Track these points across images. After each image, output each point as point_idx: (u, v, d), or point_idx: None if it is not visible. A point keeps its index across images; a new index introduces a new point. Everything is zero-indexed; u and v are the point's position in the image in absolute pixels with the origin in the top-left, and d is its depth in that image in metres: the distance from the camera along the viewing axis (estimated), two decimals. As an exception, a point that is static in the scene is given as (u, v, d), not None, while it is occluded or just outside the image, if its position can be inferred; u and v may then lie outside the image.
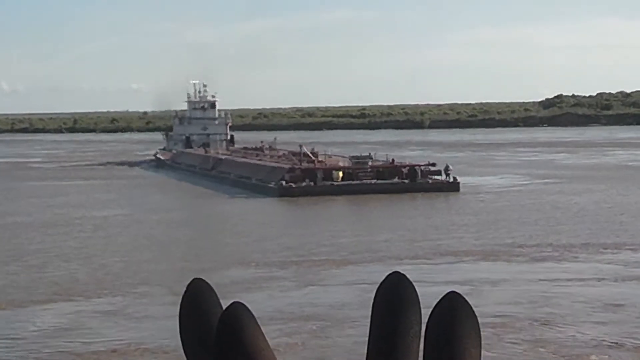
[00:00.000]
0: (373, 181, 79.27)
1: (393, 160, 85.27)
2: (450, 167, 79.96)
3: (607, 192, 72.62)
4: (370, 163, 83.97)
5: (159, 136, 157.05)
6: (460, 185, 77.31)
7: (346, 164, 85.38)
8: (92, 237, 53.83)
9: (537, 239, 49.36)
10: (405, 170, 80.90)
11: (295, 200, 73.18)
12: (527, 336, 29.43)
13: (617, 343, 28.67)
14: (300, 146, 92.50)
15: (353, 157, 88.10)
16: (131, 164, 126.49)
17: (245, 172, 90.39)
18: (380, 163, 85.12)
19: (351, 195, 74.13)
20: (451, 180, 78.53)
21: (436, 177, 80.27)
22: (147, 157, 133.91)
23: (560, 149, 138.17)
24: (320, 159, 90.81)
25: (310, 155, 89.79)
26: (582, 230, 52.44)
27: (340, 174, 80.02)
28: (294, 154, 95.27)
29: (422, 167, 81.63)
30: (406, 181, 79.13)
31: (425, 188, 77.01)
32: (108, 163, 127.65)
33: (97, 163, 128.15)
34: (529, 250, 46.13)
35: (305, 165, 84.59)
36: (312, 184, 78.06)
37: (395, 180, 79.69)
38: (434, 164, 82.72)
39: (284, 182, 78.37)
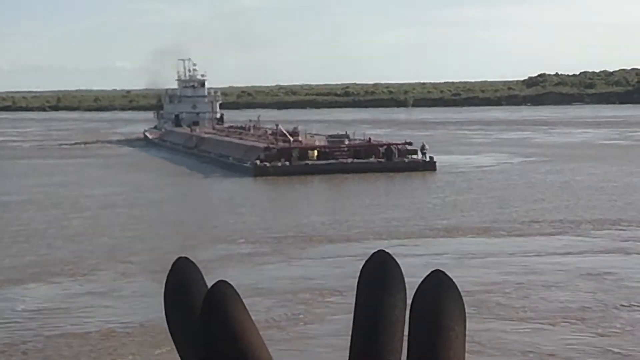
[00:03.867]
0: (349, 160, 78.89)
1: (370, 139, 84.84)
2: (427, 146, 79.74)
3: (598, 170, 72.83)
4: (347, 142, 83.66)
5: (139, 115, 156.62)
6: (437, 164, 77.08)
7: (323, 143, 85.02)
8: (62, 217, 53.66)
9: (511, 217, 49.41)
10: (382, 149, 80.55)
11: (269, 179, 72.87)
12: (510, 301, 30.99)
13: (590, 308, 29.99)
14: (277, 125, 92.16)
15: (330, 136, 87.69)
16: (118, 143, 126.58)
17: (225, 150, 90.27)
18: (357, 142, 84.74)
19: (326, 175, 73.90)
20: (427, 159, 78.38)
21: (413, 156, 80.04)
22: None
23: (542, 128, 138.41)
24: (300, 138, 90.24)
25: (286, 134, 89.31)
26: (577, 207, 52.77)
27: (316, 153, 79.78)
28: (273, 133, 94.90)
29: (399, 146, 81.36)
30: (382, 160, 78.84)
31: (401, 167, 76.58)
32: (92, 142, 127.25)
33: (79, 142, 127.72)
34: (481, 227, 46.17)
35: (281, 144, 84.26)
36: (287, 163, 77.84)
37: (372, 159, 79.34)
38: (410, 143, 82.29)
39: (258, 162, 78.18)
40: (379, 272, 1.34)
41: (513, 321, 28.67)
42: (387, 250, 1.35)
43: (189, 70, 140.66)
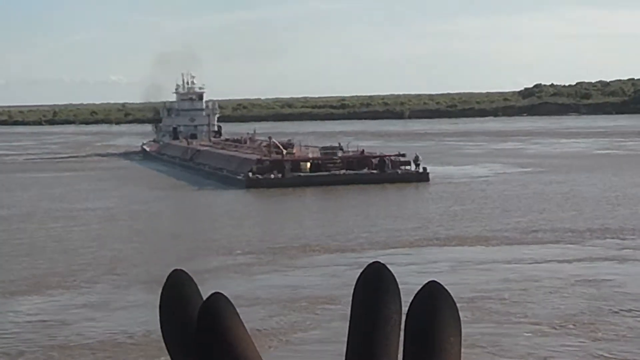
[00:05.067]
0: (342, 172, 79.18)
1: (363, 150, 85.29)
2: (420, 157, 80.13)
3: (598, 180, 73.42)
4: (340, 154, 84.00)
5: (136, 128, 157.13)
6: (431, 175, 77.33)
7: (316, 155, 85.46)
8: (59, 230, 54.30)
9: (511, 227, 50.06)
10: (375, 161, 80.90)
11: (262, 192, 73.05)
12: (507, 307, 31.71)
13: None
14: (269, 137, 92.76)
15: (323, 147, 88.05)
16: (115, 156, 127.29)
17: (219, 163, 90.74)
18: (350, 154, 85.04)
19: (319, 187, 74.25)
20: (420, 170, 78.63)
21: (406, 167, 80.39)
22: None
23: (537, 138, 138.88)
24: (294, 150, 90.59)
25: (280, 146, 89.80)
26: (574, 217, 53.59)
27: (308, 165, 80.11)
28: (267, 145, 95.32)
29: (392, 158, 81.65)
30: (375, 171, 79.22)
31: (394, 178, 77.00)
32: (87, 155, 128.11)
33: (76, 155, 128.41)
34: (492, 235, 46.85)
35: (273, 156, 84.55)
36: (280, 175, 78.13)
37: (365, 170, 79.70)
38: (403, 155, 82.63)
39: (250, 174, 78.43)
40: (374, 283, 1.34)
41: (511, 325, 29.39)
42: (382, 261, 1.35)
43: (187, 83, 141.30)
